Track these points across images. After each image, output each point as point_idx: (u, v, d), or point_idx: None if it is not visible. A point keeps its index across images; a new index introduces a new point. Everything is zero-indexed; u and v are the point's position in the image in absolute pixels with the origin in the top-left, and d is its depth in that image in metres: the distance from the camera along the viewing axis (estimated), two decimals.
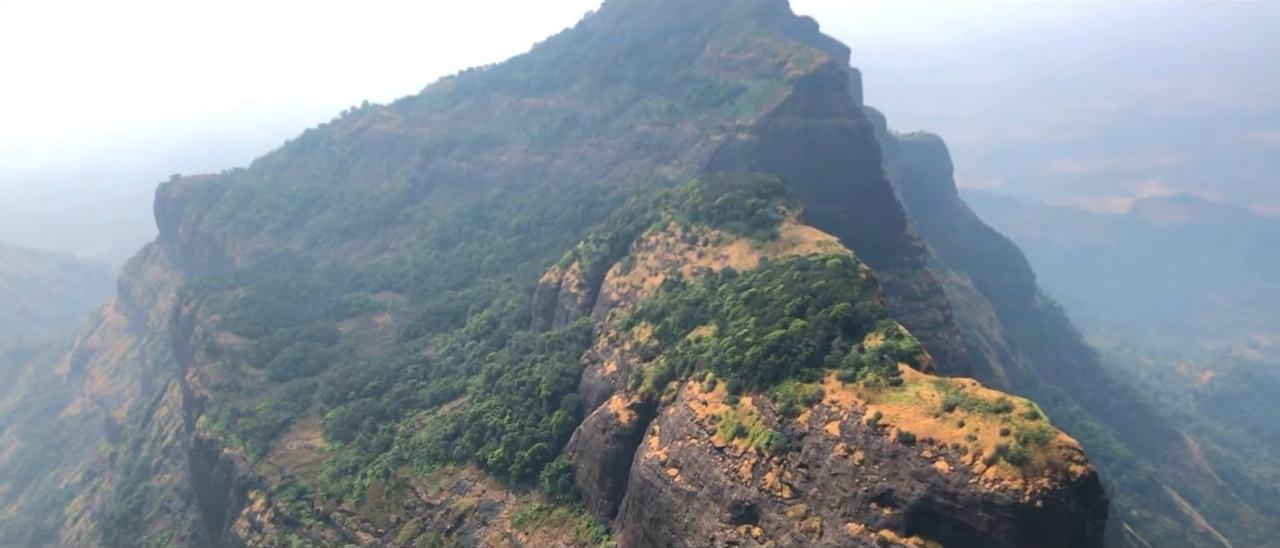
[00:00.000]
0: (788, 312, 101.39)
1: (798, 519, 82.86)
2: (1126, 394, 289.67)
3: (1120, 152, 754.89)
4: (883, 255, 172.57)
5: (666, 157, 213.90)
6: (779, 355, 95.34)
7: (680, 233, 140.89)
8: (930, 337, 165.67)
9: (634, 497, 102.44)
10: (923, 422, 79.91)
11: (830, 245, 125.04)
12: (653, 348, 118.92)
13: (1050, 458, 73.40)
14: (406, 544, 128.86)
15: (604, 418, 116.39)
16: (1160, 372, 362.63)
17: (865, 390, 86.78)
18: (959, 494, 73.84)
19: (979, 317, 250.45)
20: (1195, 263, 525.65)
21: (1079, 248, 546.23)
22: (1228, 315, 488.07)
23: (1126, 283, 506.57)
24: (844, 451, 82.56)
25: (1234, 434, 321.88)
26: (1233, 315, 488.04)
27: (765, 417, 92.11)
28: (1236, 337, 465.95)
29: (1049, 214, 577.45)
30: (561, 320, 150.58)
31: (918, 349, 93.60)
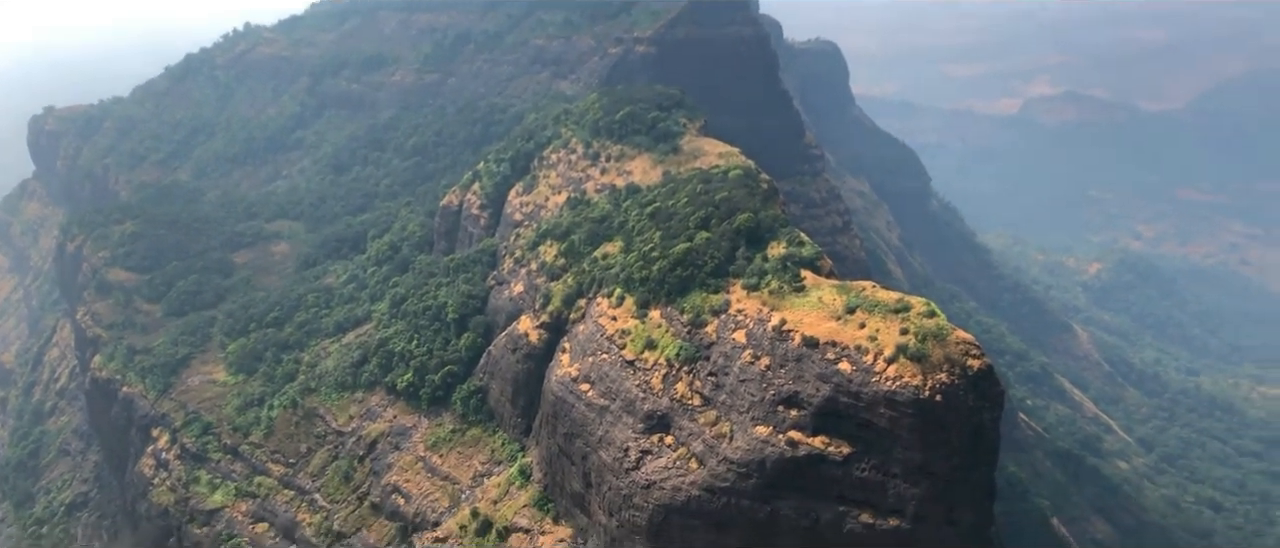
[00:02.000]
0: (692, 225, 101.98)
1: (709, 426, 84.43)
2: (1019, 289, 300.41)
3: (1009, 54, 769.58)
4: (783, 164, 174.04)
5: (564, 71, 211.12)
6: (685, 268, 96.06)
7: (582, 149, 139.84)
8: (831, 242, 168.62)
9: (547, 414, 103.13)
10: (825, 325, 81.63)
11: (732, 157, 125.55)
12: (559, 267, 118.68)
13: (948, 354, 75.81)
14: (319, 473, 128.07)
15: (513, 338, 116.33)
16: (1050, 266, 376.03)
17: (770, 298, 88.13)
18: (862, 393, 75.96)
19: (877, 221, 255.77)
20: (1082, 160, 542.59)
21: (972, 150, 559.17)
22: (1113, 209, 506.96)
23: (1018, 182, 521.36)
24: (751, 357, 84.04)
25: (1120, 322, 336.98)
26: (1118, 209, 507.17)
27: (674, 329, 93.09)
28: (1122, 229, 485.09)
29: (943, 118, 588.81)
30: (465, 243, 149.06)
31: (819, 255, 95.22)
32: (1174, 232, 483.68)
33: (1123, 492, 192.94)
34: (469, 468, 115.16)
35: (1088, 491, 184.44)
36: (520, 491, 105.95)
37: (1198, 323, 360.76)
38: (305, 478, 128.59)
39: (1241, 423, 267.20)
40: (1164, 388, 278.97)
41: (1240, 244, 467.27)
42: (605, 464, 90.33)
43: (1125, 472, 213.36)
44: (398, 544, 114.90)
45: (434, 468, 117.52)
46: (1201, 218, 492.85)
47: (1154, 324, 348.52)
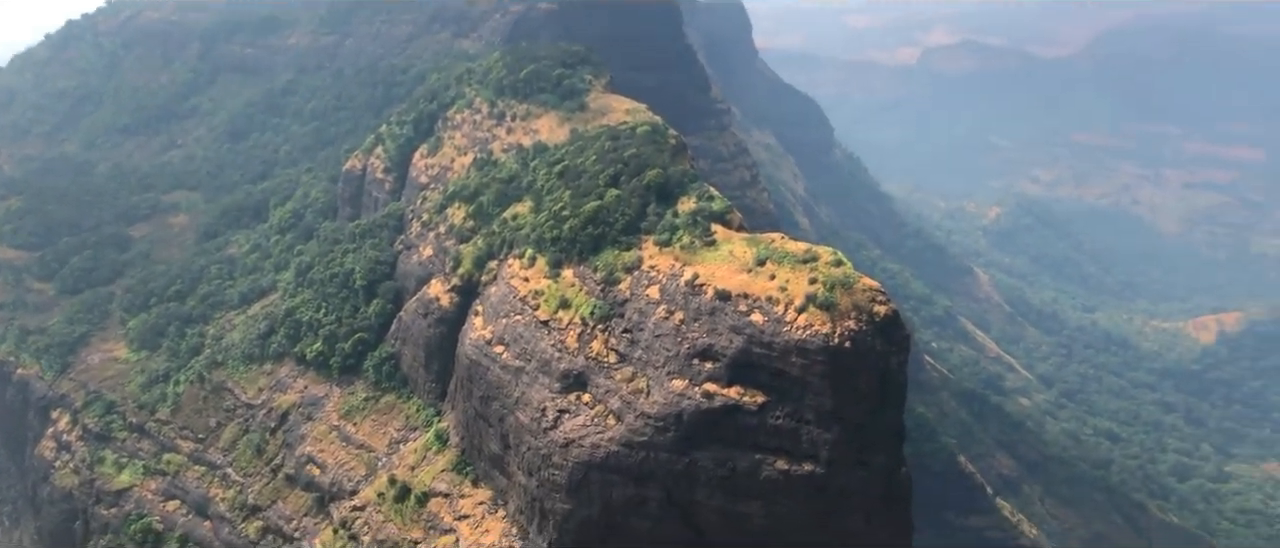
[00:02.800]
0: (602, 182, 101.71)
1: (625, 382, 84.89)
2: (922, 235, 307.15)
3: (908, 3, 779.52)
4: (690, 119, 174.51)
5: (465, 29, 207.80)
6: (596, 226, 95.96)
7: (487, 109, 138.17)
8: (739, 196, 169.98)
9: (462, 377, 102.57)
10: (737, 278, 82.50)
11: (639, 113, 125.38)
12: (468, 229, 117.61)
13: (855, 301, 77.35)
14: (230, 447, 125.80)
15: (424, 303, 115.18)
16: (952, 212, 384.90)
17: (681, 253, 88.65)
18: (774, 343, 77.12)
19: (783, 173, 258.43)
20: (981, 107, 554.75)
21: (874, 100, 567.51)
22: (1011, 155, 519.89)
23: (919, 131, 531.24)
24: (665, 312, 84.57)
25: (1018, 264, 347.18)
26: (1016, 154, 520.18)
27: (587, 287, 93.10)
28: (1019, 174, 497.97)
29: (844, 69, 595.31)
30: (370, 208, 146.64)
31: (728, 209, 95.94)
32: (1070, 175, 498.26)
33: (1025, 428, 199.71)
34: (384, 435, 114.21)
35: (992, 428, 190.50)
36: (437, 455, 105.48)
37: (1093, 262, 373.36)
38: (216, 453, 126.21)
39: (1135, 357, 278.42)
40: (1062, 326, 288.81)
41: (1132, 185, 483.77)
42: (523, 425, 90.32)
43: (1027, 408, 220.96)
44: (315, 515, 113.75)
45: (349, 437, 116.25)
46: (1095, 161, 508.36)
47: (1051, 265, 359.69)
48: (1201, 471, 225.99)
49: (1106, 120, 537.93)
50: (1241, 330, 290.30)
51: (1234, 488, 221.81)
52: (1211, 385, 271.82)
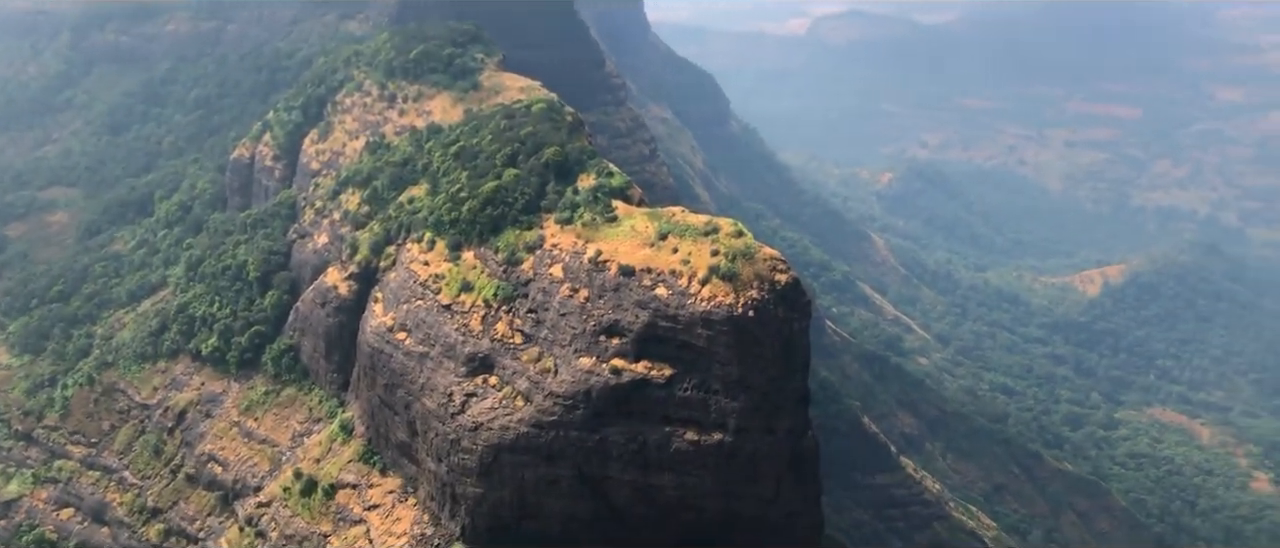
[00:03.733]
0: (499, 162, 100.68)
1: (532, 362, 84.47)
2: (819, 203, 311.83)
3: None
4: (585, 96, 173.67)
5: (351, 10, 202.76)
6: (496, 207, 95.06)
7: (377, 91, 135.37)
8: (639, 170, 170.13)
9: (365, 366, 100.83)
10: (640, 253, 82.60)
11: (534, 90, 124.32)
12: (364, 214, 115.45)
13: (757, 271, 78.14)
14: (126, 450, 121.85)
15: (322, 292, 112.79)
16: (846, 179, 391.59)
17: (583, 230, 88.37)
18: (679, 316, 77.51)
19: (681, 146, 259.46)
20: (869, 75, 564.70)
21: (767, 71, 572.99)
22: (900, 121, 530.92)
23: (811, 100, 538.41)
24: (569, 290, 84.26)
25: (911, 227, 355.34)
26: (905, 120, 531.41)
27: (489, 269, 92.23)
28: (909, 139, 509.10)
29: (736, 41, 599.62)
30: (261, 197, 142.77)
31: (628, 184, 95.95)
32: (957, 138, 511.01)
33: (925, 386, 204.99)
34: (287, 429, 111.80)
35: (893, 387, 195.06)
36: (343, 446, 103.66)
37: (983, 222, 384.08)
38: (111, 457, 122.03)
39: (1026, 312, 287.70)
40: (956, 285, 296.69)
41: (1017, 146, 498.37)
42: (430, 411, 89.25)
43: (926, 367, 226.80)
44: (219, 514, 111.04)
45: (250, 432, 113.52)
46: (981, 124, 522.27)
47: (943, 227, 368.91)
48: (1092, 419, 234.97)
49: (990, 83, 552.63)
50: (1124, 282, 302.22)
51: (1123, 434, 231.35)
52: (1099, 336, 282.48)
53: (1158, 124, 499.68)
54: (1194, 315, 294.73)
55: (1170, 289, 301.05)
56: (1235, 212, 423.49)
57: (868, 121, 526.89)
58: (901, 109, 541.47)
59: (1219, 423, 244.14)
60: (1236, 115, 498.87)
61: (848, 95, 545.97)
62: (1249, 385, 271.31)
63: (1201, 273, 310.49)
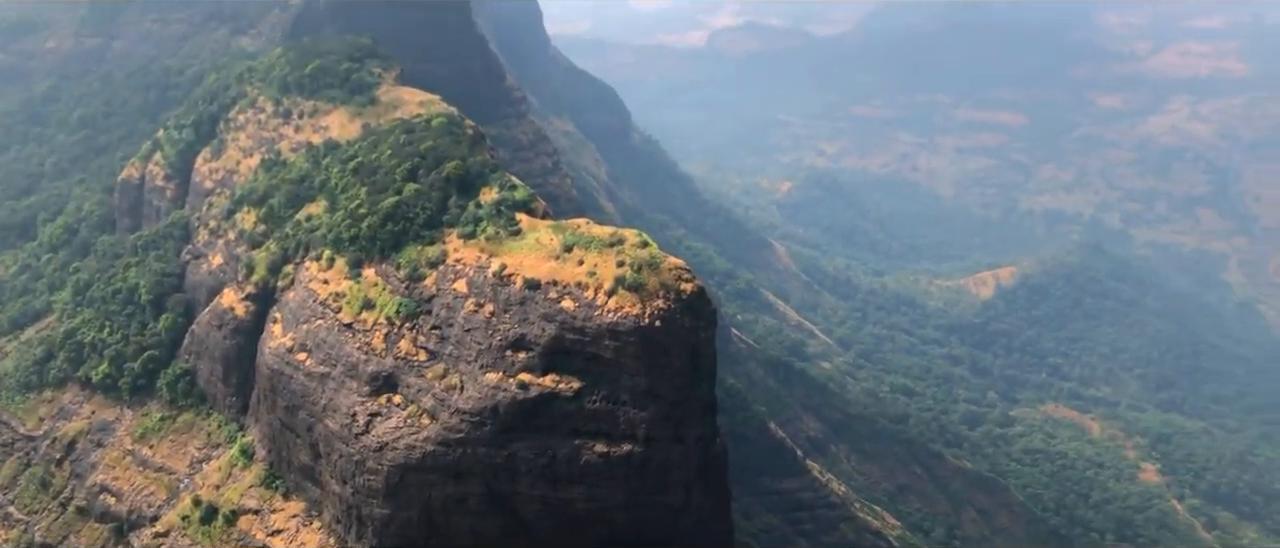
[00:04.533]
0: (399, 177, 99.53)
1: (437, 379, 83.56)
2: (722, 212, 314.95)
3: None
4: (486, 109, 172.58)
5: (243, 26, 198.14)
6: (396, 222, 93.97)
7: (272, 108, 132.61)
8: (542, 183, 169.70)
9: (265, 389, 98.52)
10: (545, 266, 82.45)
11: (433, 104, 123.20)
12: (260, 233, 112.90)
13: (663, 281, 78.66)
14: (10, 484, 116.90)
15: (218, 314, 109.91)
16: (747, 188, 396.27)
17: (487, 244, 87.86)
18: (586, 328, 77.55)
19: (584, 158, 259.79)
20: (767, 86, 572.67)
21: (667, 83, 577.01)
22: (798, 130, 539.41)
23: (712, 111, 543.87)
24: (474, 305, 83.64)
25: (811, 234, 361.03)
26: (802, 130, 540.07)
27: (391, 285, 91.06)
28: (807, 148, 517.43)
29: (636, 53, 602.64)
30: (151, 218, 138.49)
31: (532, 197, 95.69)
32: (853, 147, 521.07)
33: (828, 390, 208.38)
34: (184, 455, 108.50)
35: (798, 392, 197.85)
36: (244, 471, 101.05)
37: (879, 228, 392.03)
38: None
39: (923, 315, 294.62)
40: (856, 290, 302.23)
41: (909, 153, 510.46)
42: (333, 432, 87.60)
43: (829, 371, 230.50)
44: (113, 546, 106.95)
45: (145, 460, 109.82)
46: (875, 132, 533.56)
47: (842, 233, 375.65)
48: (989, 417, 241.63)
49: (882, 93, 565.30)
50: (1015, 284, 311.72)
51: (1019, 431, 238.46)
52: (992, 337, 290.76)
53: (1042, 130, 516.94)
54: (1082, 314, 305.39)
55: (1058, 289, 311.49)
56: (1118, 213, 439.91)
57: (767, 131, 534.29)
58: (799, 119, 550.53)
59: (1108, 417, 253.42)
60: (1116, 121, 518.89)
61: (747, 106, 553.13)
62: (1135, 380, 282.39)
63: (1087, 273, 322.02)
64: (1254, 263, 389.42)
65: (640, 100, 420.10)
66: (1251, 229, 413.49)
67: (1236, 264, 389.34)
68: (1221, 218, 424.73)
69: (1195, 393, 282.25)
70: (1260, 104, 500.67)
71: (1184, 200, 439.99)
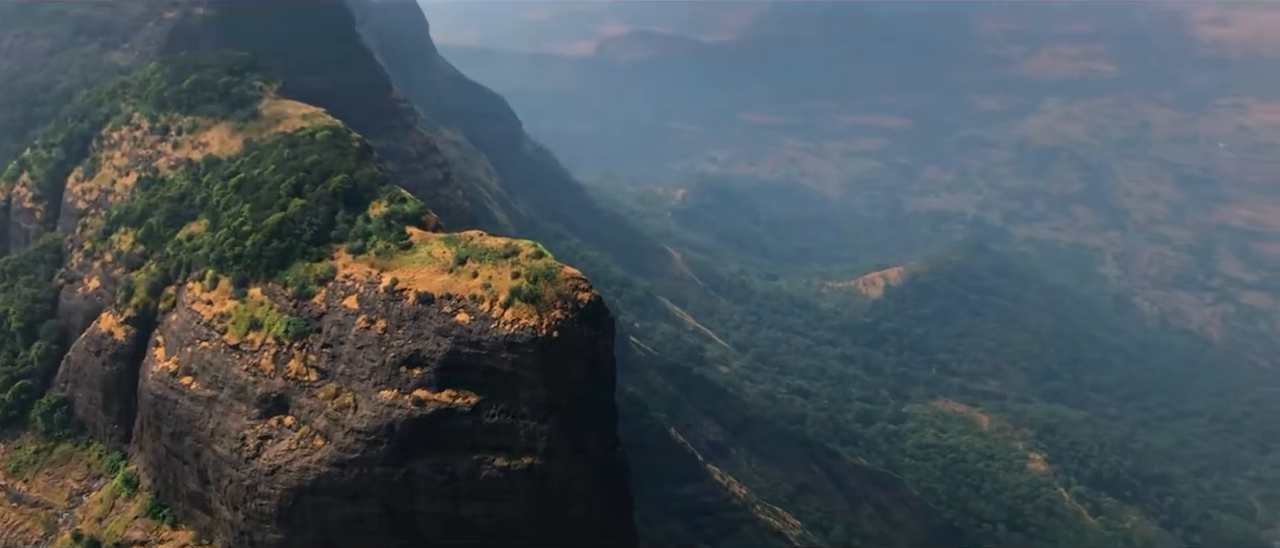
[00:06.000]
0: (284, 193, 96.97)
1: (330, 399, 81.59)
2: (616, 221, 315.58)
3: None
4: (373, 121, 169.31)
5: (115, 41, 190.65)
6: (282, 239, 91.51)
7: (148, 125, 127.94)
8: (432, 195, 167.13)
9: (148, 415, 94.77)
10: (438, 279, 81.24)
11: (317, 117, 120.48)
12: (139, 255, 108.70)
13: (559, 291, 78.22)
14: None
15: (96, 340, 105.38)
16: (642, 196, 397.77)
17: (377, 259, 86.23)
18: (483, 341, 76.60)
19: (476, 169, 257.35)
20: (658, 94, 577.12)
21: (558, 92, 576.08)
22: (689, 137, 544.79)
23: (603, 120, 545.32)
24: (366, 322, 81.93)
25: (706, 241, 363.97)
26: (693, 137, 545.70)
27: (278, 304, 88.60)
28: (699, 155, 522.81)
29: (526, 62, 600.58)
30: (19, 242, 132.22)
31: (423, 210, 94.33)
32: (743, 153, 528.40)
33: (727, 394, 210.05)
34: (63, 488, 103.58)
35: (697, 397, 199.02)
36: (128, 502, 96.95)
37: (771, 232, 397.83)
38: None
39: (817, 316, 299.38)
40: (751, 295, 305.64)
41: (798, 158, 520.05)
42: (222, 457, 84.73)
43: (727, 375, 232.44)
44: None
45: (20, 496, 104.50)
46: (764, 138, 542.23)
47: (735, 239, 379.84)
48: (882, 414, 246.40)
49: (769, 99, 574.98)
50: (903, 283, 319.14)
51: (911, 426, 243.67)
52: (884, 336, 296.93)
53: (924, 133, 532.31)
54: (967, 311, 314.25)
55: (945, 287, 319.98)
56: (998, 212, 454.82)
57: (659, 139, 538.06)
58: (690, 126, 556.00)
59: (996, 410, 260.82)
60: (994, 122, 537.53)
61: (639, 114, 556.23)
62: (1020, 373, 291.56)
63: (971, 271, 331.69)
64: (1126, 257, 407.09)
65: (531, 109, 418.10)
66: (1124, 224, 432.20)
67: (1111, 258, 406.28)
68: (1095, 214, 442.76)
69: (1077, 383, 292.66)
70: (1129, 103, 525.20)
71: (1060, 198, 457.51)
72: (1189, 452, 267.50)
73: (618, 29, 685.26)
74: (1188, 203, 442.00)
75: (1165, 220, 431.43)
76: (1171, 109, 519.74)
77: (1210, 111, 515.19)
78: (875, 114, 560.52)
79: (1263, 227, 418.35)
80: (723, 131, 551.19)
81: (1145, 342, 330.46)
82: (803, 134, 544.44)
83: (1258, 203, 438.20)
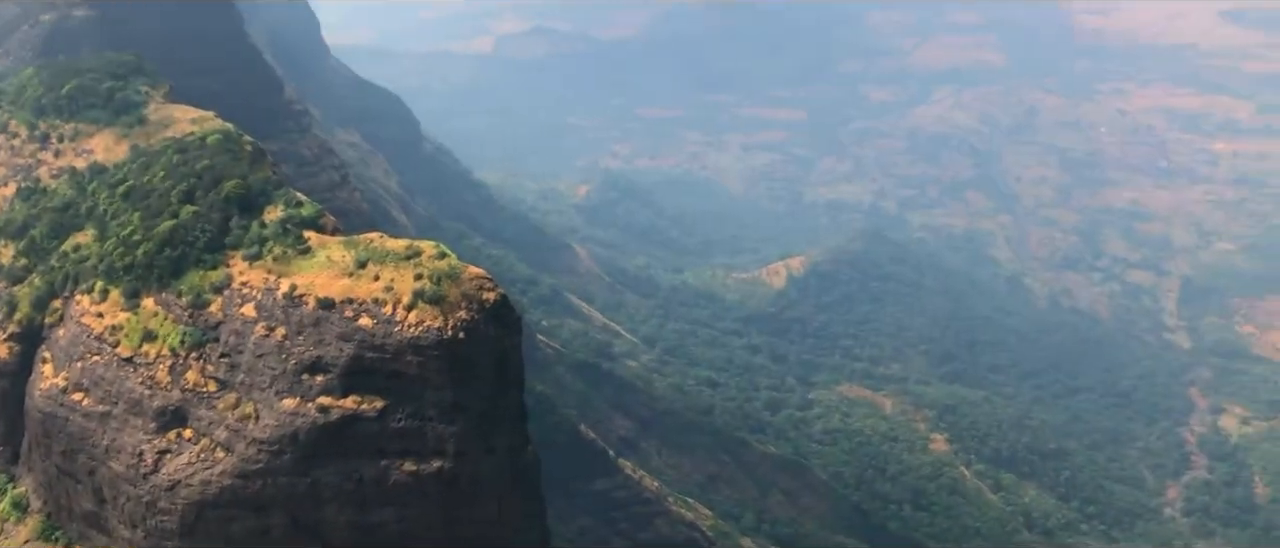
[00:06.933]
0: (175, 199, 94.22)
1: (230, 410, 79.70)
2: (520, 219, 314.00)
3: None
4: (266, 124, 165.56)
5: None
6: (175, 247, 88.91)
7: (26, 132, 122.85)
8: (330, 198, 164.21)
9: (37, 435, 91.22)
10: (339, 283, 79.93)
11: (207, 121, 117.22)
12: (21, 268, 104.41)
13: (464, 291, 77.62)
14: None
15: None
16: (545, 193, 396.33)
17: (275, 265, 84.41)
18: (386, 345, 75.63)
19: (374, 170, 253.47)
20: (558, 90, 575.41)
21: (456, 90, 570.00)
22: (590, 133, 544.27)
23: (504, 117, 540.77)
24: (265, 330, 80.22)
25: (611, 236, 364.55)
26: (595, 133, 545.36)
27: (173, 315, 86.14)
28: (601, 151, 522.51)
29: (422, 61, 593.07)
30: None
31: (320, 213, 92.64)
32: (644, 148, 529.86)
33: (636, 388, 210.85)
34: None
35: (607, 393, 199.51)
36: (18, 526, 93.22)
37: (675, 226, 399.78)
38: None
39: (722, 308, 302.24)
40: (657, 289, 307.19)
41: (698, 152, 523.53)
42: (118, 475, 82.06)
43: (636, 369, 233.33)
44: None
45: None
46: (664, 133, 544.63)
47: (639, 233, 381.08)
48: (789, 401, 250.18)
49: (668, 94, 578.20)
50: (805, 273, 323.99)
51: (817, 412, 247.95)
52: (788, 324, 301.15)
53: (820, 125, 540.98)
54: (868, 297, 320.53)
55: (845, 275, 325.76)
56: (894, 200, 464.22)
57: (560, 135, 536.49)
58: (591, 122, 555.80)
59: (898, 393, 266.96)
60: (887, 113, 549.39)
61: (539, 111, 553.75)
62: (920, 357, 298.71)
63: (870, 258, 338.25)
64: (1017, 239, 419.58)
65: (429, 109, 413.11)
66: (1014, 208, 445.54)
67: (1003, 241, 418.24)
68: (987, 199, 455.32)
69: (974, 364, 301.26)
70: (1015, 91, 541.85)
71: (952, 184, 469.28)
72: (1082, 426, 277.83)
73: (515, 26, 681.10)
74: (1074, 186, 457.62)
75: (1053, 204, 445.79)
76: (1056, 95, 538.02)
77: (1093, 97, 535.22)
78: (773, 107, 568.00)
79: (1144, 207, 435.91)
80: (623, 127, 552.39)
81: (1038, 322, 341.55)
82: (703, 128, 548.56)
83: (1139, 184, 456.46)
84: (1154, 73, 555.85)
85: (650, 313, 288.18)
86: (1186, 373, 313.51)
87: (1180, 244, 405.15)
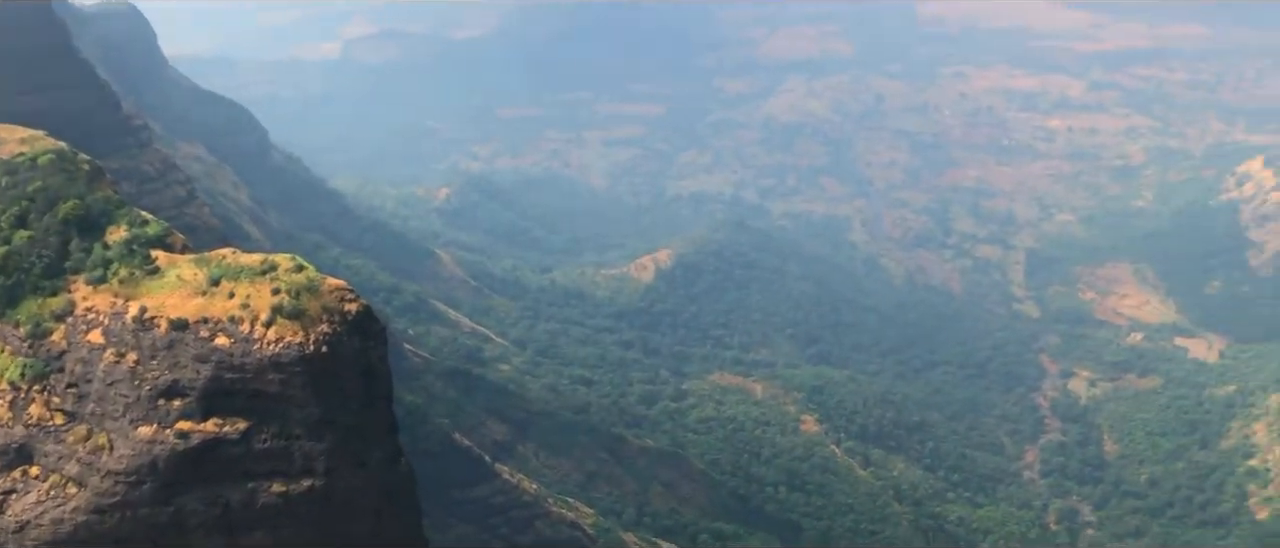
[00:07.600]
0: (6, 225, 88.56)
1: (81, 442, 75.52)
2: (379, 226, 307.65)
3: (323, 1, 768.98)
4: (103, 141, 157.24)
5: None
6: (9, 275, 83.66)
7: None
8: (177, 215, 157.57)
9: None
10: (192, 303, 76.57)
11: (38, 141, 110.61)
12: None
13: (324, 304, 75.37)
14: None
15: None
16: (404, 199, 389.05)
17: (121, 288, 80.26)
18: (246, 364, 72.85)
19: (222, 184, 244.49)
20: (412, 93, 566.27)
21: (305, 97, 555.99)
22: (448, 136, 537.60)
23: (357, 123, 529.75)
24: (114, 356, 76.22)
25: (475, 239, 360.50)
26: (453, 135, 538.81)
27: (11, 346, 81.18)
28: (460, 153, 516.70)
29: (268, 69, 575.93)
30: None
31: (168, 231, 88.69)
32: (505, 148, 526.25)
33: (509, 391, 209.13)
34: None
35: (479, 398, 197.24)
36: None
37: (540, 225, 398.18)
38: None
39: (593, 305, 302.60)
40: (525, 290, 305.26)
41: (560, 150, 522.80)
42: None
43: (509, 373, 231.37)
44: None
45: None
46: (524, 132, 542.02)
47: (505, 235, 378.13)
48: (664, 394, 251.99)
49: (526, 93, 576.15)
50: (672, 265, 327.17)
51: (691, 402, 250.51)
52: (658, 317, 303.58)
53: (679, 118, 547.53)
54: (734, 285, 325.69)
55: (711, 265, 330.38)
56: (754, 189, 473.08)
57: (417, 139, 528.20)
58: (448, 124, 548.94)
59: (768, 378, 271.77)
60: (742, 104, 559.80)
61: (394, 115, 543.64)
62: (787, 341, 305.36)
63: (734, 247, 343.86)
64: (872, 222, 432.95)
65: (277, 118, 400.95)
66: (867, 192, 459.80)
67: (859, 225, 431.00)
68: (841, 184, 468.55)
69: (838, 344, 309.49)
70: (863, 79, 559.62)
71: (809, 171, 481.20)
72: (943, 398, 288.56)
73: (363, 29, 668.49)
74: (922, 168, 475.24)
75: (903, 185, 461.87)
76: (902, 81, 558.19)
77: (936, 82, 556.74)
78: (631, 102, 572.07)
79: (988, 185, 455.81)
80: (482, 127, 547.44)
81: (896, 300, 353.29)
82: (562, 126, 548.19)
83: (983, 163, 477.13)
84: (992, 56, 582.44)
85: (520, 315, 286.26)
86: (1036, 341, 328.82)
87: (1024, 218, 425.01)
